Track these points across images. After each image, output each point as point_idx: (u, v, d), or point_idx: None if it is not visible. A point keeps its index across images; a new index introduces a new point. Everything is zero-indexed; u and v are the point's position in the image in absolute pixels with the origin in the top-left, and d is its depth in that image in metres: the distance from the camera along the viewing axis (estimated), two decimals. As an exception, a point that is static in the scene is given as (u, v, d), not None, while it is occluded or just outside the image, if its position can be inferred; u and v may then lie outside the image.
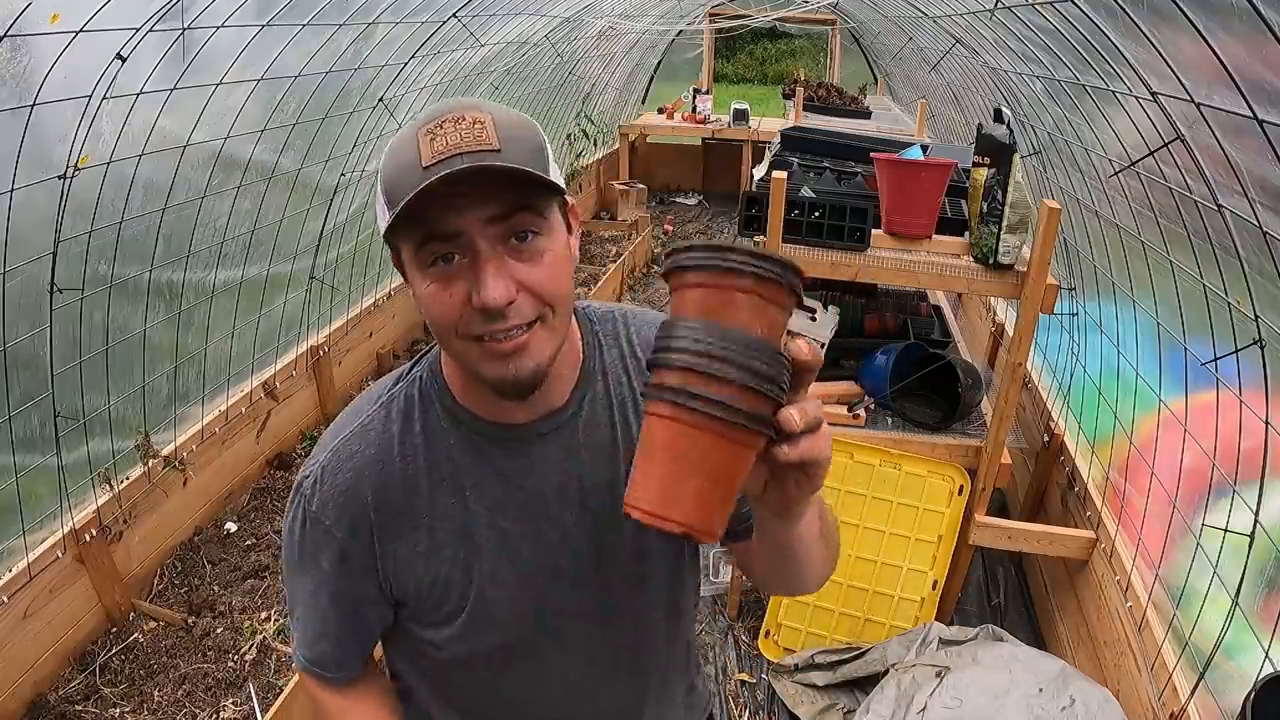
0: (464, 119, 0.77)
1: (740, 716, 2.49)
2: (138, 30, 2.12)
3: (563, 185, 0.81)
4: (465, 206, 0.76)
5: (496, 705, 1.04)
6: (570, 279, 0.86)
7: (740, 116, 7.48)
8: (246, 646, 2.66)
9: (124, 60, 2.14)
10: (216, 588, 2.92)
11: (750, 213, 2.40)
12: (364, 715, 1.06)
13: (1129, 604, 2.16)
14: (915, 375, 2.60)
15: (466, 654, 0.98)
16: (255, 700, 2.48)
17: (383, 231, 0.82)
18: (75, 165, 2.19)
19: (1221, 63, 1.40)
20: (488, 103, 0.81)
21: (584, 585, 0.97)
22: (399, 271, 0.88)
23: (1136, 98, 1.91)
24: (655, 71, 9.45)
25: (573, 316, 0.92)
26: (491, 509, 0.93)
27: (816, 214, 2.27)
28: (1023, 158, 2.33)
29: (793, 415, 0.65)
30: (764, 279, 0.63)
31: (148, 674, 2.57)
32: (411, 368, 0.98)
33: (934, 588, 2.48)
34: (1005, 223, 2.14)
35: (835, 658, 2.43)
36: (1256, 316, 1.62)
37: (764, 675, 2.58)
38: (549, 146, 0.83)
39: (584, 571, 0.96)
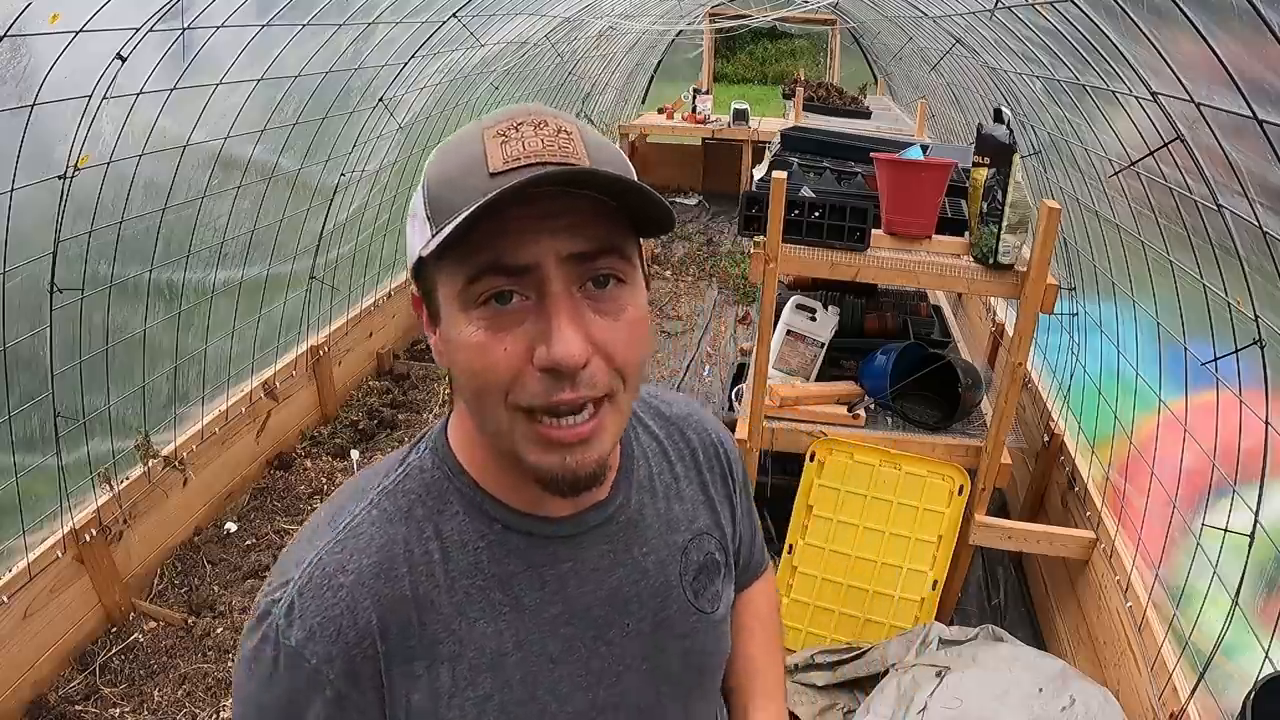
0: (546, 123, 0.61)
1: (740, 716, 2.49)
2: (138, 30, 2.12)
3: (672, 214, 0.64)
4: (542, 233, 0.59)
5: None
6: (649, 346, 0.72)
7: (740, 116, 7.47)
8: (246, 646, 2.66)
9: (124, 60, 2.14)
10: (216, 588, 2.92)
11: (750, 213, 2.40)
12: None
13: (1129, 604, 2.16)
14: (915, 375, 2.60)
15: None
16: (255, 700, 2.48)
17: (421, 254, 0.62)
18: (75, 165, 2.19)
19: (1221, 63, 1.40)
20: (568, 114, 0.66)
21: (637, 713, 0.79)
22: (425, 311, 0.67)
23: (1136, 98, 1.91)
24: (655, 71, 9.45)
25: None
26: (535, 628, 0.72)
27: (816, 214, 2.27)
28: (1023, 158, 2.33)
29: None
30: None
31: (148, 674, 2.57)
32: (406, 455, 0.76)
33: (934, 588, 2.48)
34: (1005, 223, 2.14)
35: (835, 658, 2.43)
36: (1256, 316, 1.62)
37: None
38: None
39: (638, 695, 0.78)
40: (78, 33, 1.95)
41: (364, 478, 0.76)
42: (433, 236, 0.60)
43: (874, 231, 2.30)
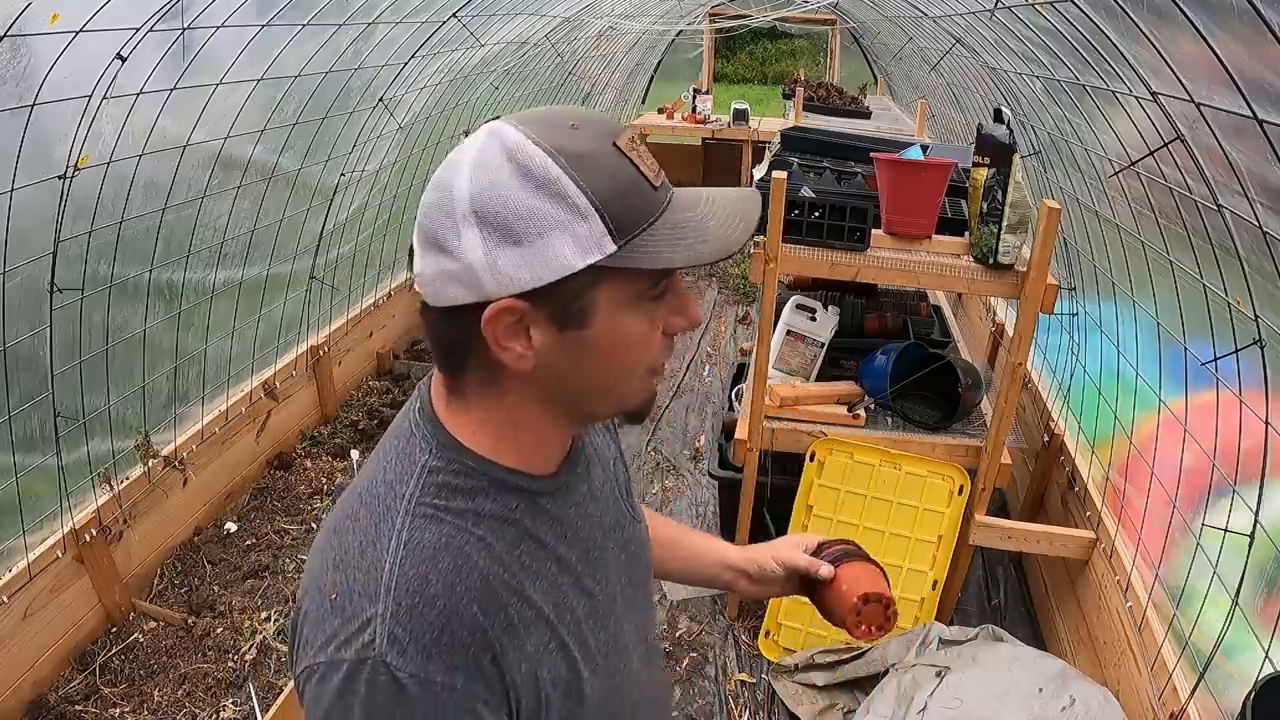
0: (635, 134, 0.72)
1: (740, 716, 2.49)
2: (138, 30, 2.12)
3: None
4: None
5: None
6: None
7: (740, 116, 7.47)
8: (246, 646, 2.66)
9: (124, 60, 2.14)
10: (216, 588, 2.92)
11: (750, 213, 2.39)
12: None
13: (1129, 604, 2.16)
14: (915, 375, 2.60)
15: None
16: (255, 700, 2.48)
17: (593, 260, 0.67)
18: (75, 165, 2.20)
19: (1221, 63, 1.40)
20: None
21: (630, 614, 0.89)
22: (562, 317, 0.70)
23: (1136, 98, 1.91)
24: (655, 71, 9.45)
25: None
26: (574, 571, 0.80)
27: (816, 214, 2.27)
28: (1023, 158, 2.33)
29: None
30: None
31: (148, 674, 2.57)
32: (414, 463, 0.76)
33: (934, 588, 2.48)
34: (1005, 223, 2.14)
35: (835, 658, 2.43)
36: (1256, 316, 1.62)
37: (764, 675, 2.58)
38: None
39: (628, 602, 0.89)
40: (78, 33, 1.95)
41: (371, 499, 0.75)
42: (625, 243, 0.67)
43: (874, 231, 2.30)
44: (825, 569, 1.08)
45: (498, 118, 0.70)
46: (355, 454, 3.65)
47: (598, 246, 0.66)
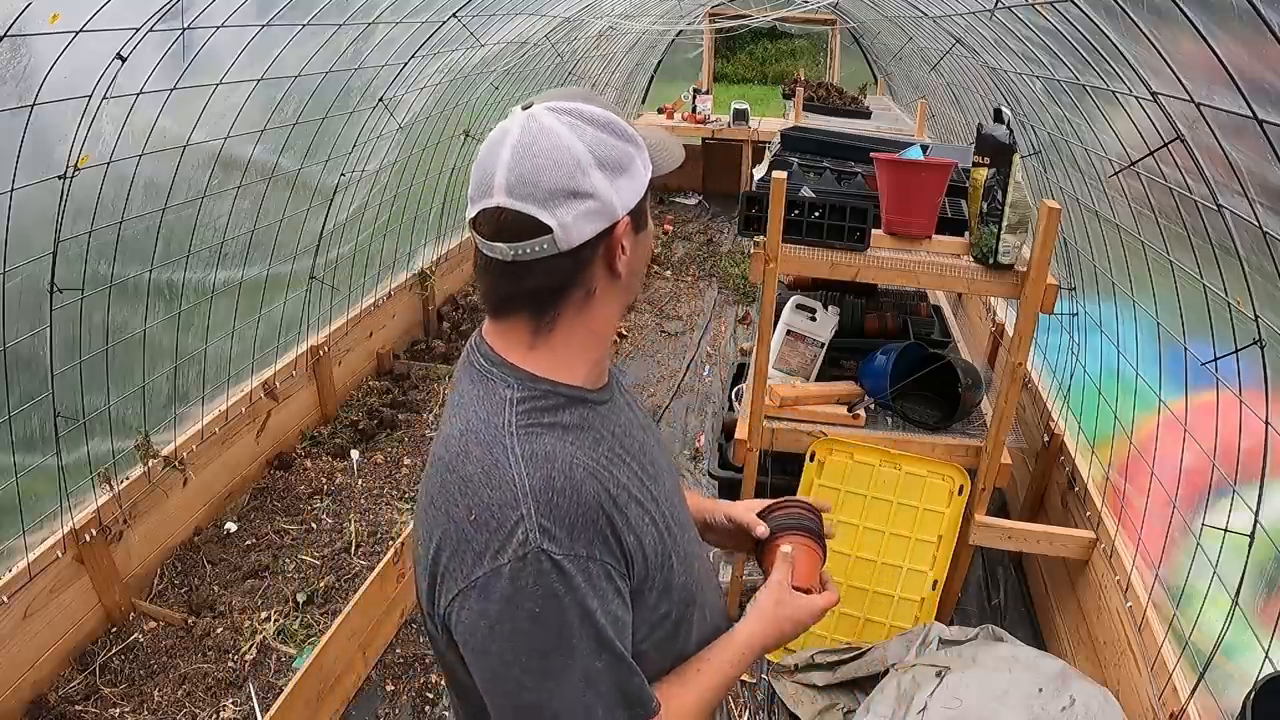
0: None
1: (740, 716, 2.49)
2: (138, 30, 2.12)
3: None
4: None
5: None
6: None
7: (740, 116, 7.47)
8: (246, 646, 2.66)
9: (124, 60, 2.14)
10: (216, 588, 2.92)
11: (750, 213, 2.40)
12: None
13: (1129, 604, 2.16)
14: (915, 375, 2.60)
15: (675, 618, 1.00)
16: (255, 700, 2.48)
17: (650, 175, 0.95)
18: (75, 165, 2.19)
19: (1221, 63, 1.40)
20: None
21: (683, 507, 1.11)
22: (639, 220, 0.95)
23: (1136, 98, 1.91)
24: (655, 71, 9.44)
25: None
26: (640, 460, 1.00)
27: (816, 214, 2.27)
28: (1023, 158, 2.33)
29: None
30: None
31: (148, 674, 2.57)
32: (502, 399, 0.93)
33: (934, 588, 2.48)
34: (1005, 223, 2.14)
35: (835, 658, 2.43)
36: (1256, 316, 1.62)
37: (764, 675, 2.58)
38: None
39: (684, 510, 1.11)
40: (78, 33, 1.95)
41: (476, 435, 0.90)
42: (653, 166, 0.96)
43: (874, 231, 2.30)
44: (761, 529, 1.21)
45: (529, 105, 0.90)
46: (355, 454, 3.65)
47: (647, 166, 0.94)
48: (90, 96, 2.15)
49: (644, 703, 0.91)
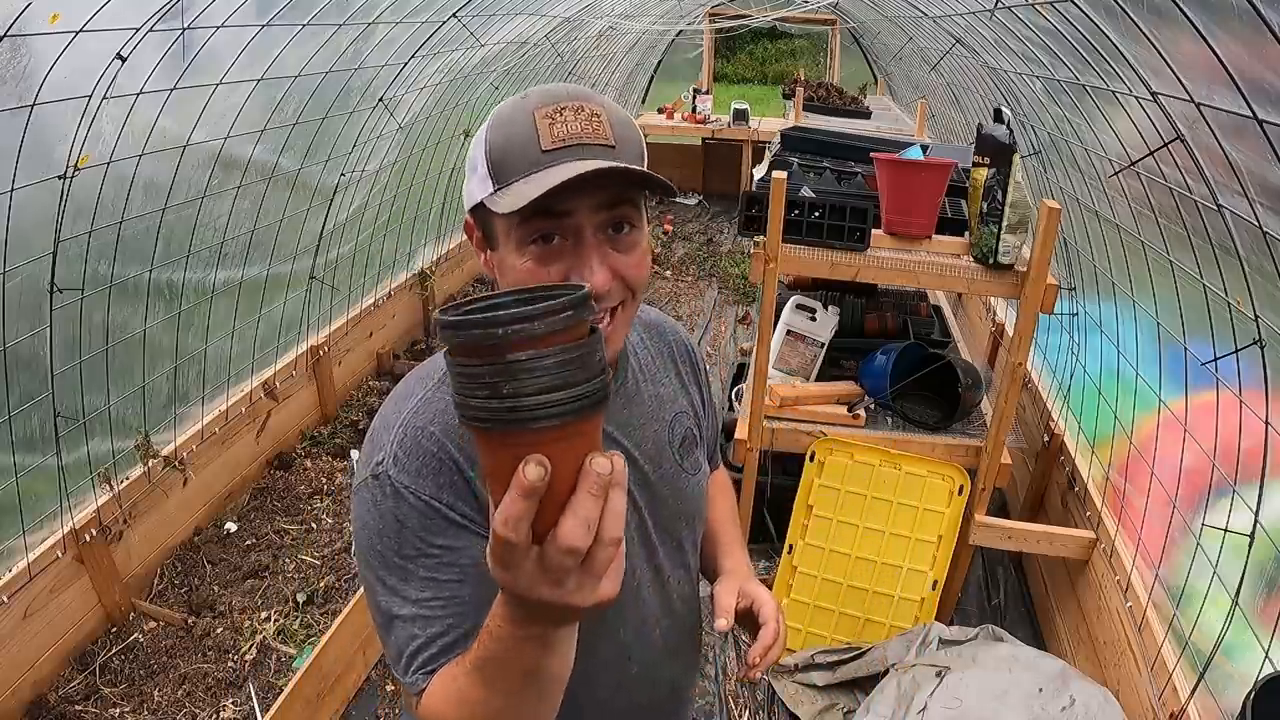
0: (583, 109, 0.83)
1: (740, 716, 2.49)
2: (138, 30, 2.12)
3: (674, 187, 0.87)
4: (578, 192, 0.80)
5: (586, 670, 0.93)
6: (650, 268, 0.94)
7: (740, 116, 7.48)
8: (246, 646, 2.66)
9: (124, 60, 2.14)
10: (216, 588, 2.92)
11: (750, 213, 2.40)
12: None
13: (1129, 604, 2.16)
14: (915, 375, 2.60)
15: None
16: (255, 700, 2.48)
17: (479, 199, 0.85)
18: (75, 165, 2.19)
19: (1221, 63, 1.40)
20: (595, 93, 0.87)
21: (644, 544, 1.03)
22: (479, 236, 0.90)
23: (1136, 98, 1.91)
24: (655, 71, 9.44)
25: None
26: None
27: (816, 214, 2.28)
28: (1023, 158, 2.33)
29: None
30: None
31: (148, 674, 2.57)
32: (440, 362, 0.95)
33: (934, 588, 2.48)
34: (1005, 223, 2.14)
35: (835, 658, 2.43)
36: (1256, 316, 1.62)
37: (764, 675, 2.58)
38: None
39: (644, 531, 1.03)
40: (78, 33, 1.95)
41: (420, 375, 0.95)
42: (496, 190, 0.83)
43: (874, 231, 2.30)
44: (719, 624, 1.10)
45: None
46: (355, 454, 3.65)
47: (483, 187, 0.85)
48: (90, 96, 2.15)
49: (419, 665, 0.86)
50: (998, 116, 2.21)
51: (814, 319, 2.77)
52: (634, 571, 1.02)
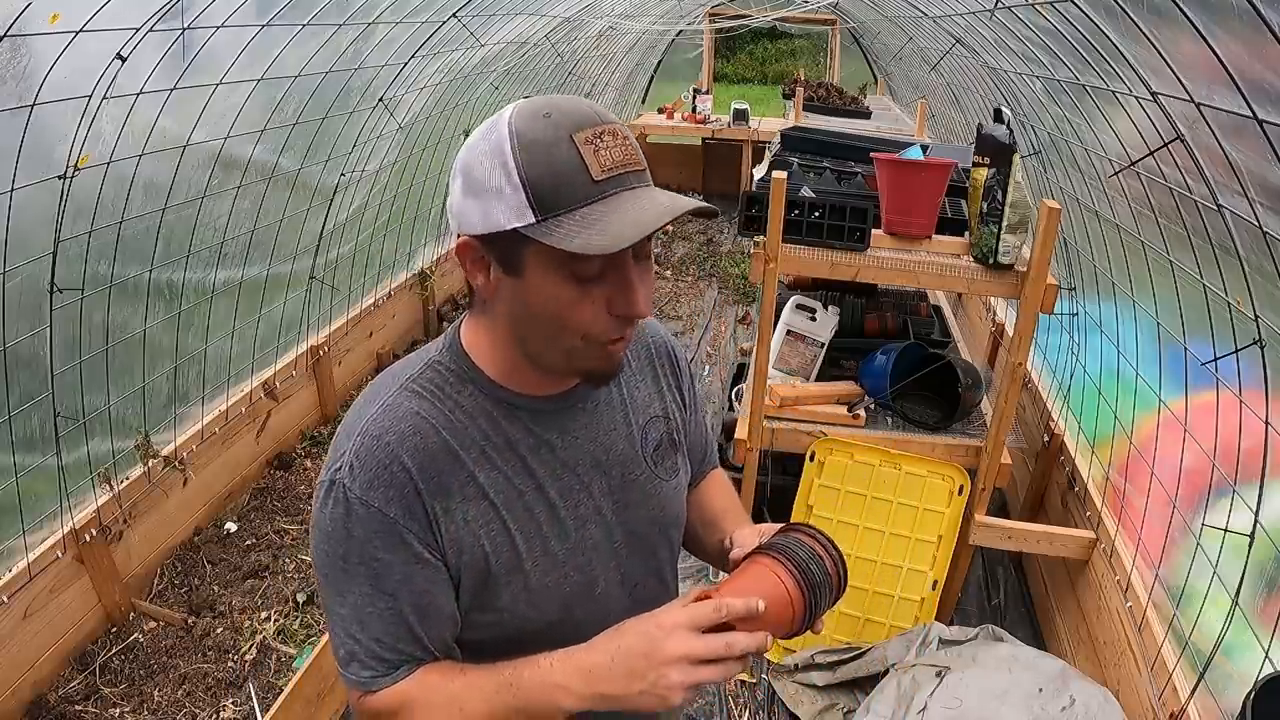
0: (616, 132, 0.82)
1: (740, 716, 2.49)
2: (138, 30, 2.12)
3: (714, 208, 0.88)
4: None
5: None
6: None
7: (740, 116, 7.48)
8: (246, 646, 2.66)
9: (124, 60, 2.14)
10: (216, 588, 2.92)
11: (750, 213, 2.40)
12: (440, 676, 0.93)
13: (1129, 604, 2.16)
14: (915, 375, 2.60)
15: (515, 632, 0.96)
16: (255, 700, 2.48)
17: (510, 226, 0.81)
18: (75, 165, 2.19)
19: (1221, 63, 1.40)
20: (600, 107, 0.86)
21: (612, 554, 1.03)
22: (489, 260, 0.87)
23: (1136, 98, 1.91)
24: (655, 71, 9.44)
25: None
26: (537, 477, 0.96)
27: (816, 214, 2.28)
28: (1023, 158, 2.33)
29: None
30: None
31: (148, 674, 2.57)
32: (428, 357, 0.97)
33: (934, 588, 2.48)
34: (1005, 223, 2.14)
35: (835, 658, 2.43)
36: (1256, 316, 1.62)
37: (764, 675, 2.58)
38: None
39: (611, 540, 1.02)
40: (78, 33, 1.95)
41: (392, 373, 0.96)
42: (542, 220, 0.80)
43: (874, 231, 2.30)
44: (734, 553, 1.00)
45: (528, 98, 0.86)
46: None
47: (519, 215, 0.81)
48: (90, 96, 2.15)
49: (355, 667, 0.91)
50: (998, 116, 2.21)
51: (814, 319, 2.77)
52: (597, 581, 1.01)
